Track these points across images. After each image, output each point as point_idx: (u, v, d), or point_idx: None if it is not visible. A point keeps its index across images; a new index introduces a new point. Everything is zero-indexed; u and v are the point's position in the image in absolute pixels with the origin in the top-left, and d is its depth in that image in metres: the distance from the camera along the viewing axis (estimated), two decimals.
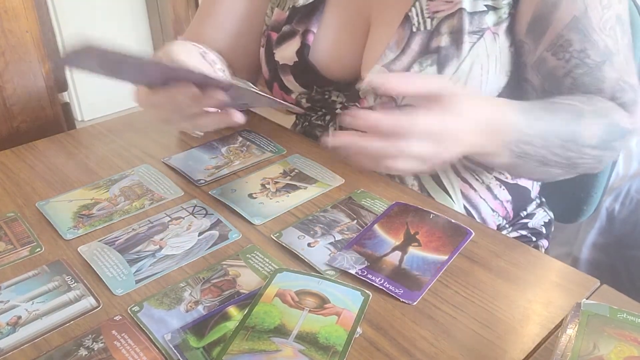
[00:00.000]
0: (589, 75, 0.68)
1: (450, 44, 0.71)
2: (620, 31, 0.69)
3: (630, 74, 0.70)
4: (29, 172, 0.79)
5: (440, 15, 0.72)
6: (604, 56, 0.68)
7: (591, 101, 0.67)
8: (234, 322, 0.52)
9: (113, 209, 0.70)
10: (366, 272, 0.58)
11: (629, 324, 0.49)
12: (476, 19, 0.71)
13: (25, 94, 0.91)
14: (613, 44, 0.68)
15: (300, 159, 0.80)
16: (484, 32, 0.71)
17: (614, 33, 0.68)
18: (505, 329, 0.52)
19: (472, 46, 0.71)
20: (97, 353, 0.50)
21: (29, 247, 0.64)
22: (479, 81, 0.72)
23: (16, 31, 0.87)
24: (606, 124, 0.66)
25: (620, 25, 0.69)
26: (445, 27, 0.71)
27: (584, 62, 0.68)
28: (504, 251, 0.62)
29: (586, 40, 0.68)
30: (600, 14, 0.67)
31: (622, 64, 0.69)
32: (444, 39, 0.71)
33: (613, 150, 0.69)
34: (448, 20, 0.71)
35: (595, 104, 0.67)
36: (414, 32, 0.73)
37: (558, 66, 0.69)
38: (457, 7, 0.71)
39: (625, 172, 1.20)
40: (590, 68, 0.68)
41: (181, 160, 0.81)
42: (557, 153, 0.64)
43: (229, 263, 0.60)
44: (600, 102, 0.67)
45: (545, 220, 0.91)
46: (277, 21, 0.85)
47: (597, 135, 0.65)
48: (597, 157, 0.68)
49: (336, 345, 0.50)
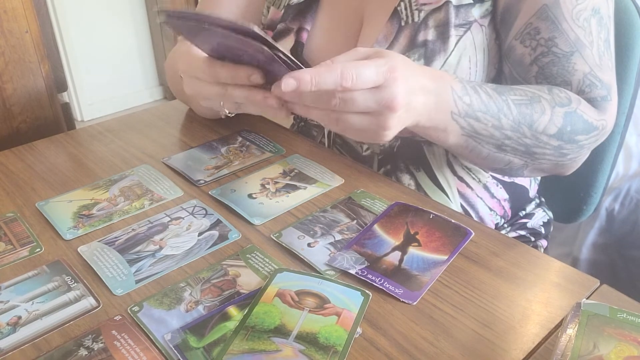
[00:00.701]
0: (556, 64, 0.67)
1: (437, 37, 0.71)
2: (596, 24, 0.67)
3: (603, 70, 0.68)
4: (28, 172, 0.79)
5: (427, 8, 0.72)
6: (573, 47, 0.67)
7: (552, 91, 0.65)
8: (234, 322, 0.52)
9: (113, 209, 0.70)
10: (366, 272, 0.58)
11: (628, 324, 0.49)
12: (462, 11, 0.71)
13: (25, 94, 0.91)
14: (585, 35, 0.67)
15: (300, 159, 0.80)
16: (471, 24, 0.71)
17: (587, 25, 0.67)
18: (505, 328, 0.52)
19: (459, 39, 0.71)
20: (97, 353, 0.50)
21: (29, 247, 0.64)
22: (467, 74, 0.72)
23: (16, 31, 0.87)
24: (566, 113, 0.65)
25: (598, 19, 0.67)
26: (432, 20, 0.71)
27: (551, 50, 0.67)
28: (504, 251, 0.62)
29: (555, 29, 0.67)
30: (573, 4, 0.66)
31: (594, 58, 0.67)
32: (430, 32, 0.71)
33: (578, 145, 0.67)
34: (435, 13, 0.71)
35: (557, 94, 0.65)
36: (402, 26, 0.73)
37: (525, 53, 0.69)
38: (444, 0, 0.71)
39: (625, 172, 1.20)
40: (558, 57, 0.67)
41: (181, 160, 0.81)
42: (510, 136, 0.63)
43: (229, 263, 0.60)
44: (563, 93, 0.66)
45: (544, 220, 0.91)
46: (273, 20, 0.85)
47: (556, 124, 0.64)
48: (558, 149, 0.66)
49: (336, 345, 0.50)
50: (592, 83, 0.67)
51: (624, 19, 0.84)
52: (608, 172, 0.94)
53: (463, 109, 0.61)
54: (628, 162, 1.20)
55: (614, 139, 0.90)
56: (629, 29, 0.84)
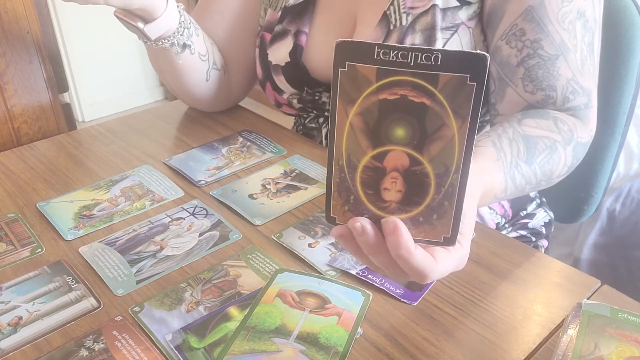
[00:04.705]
0: (542, 67, 0.67)
1: (423, 41, 0.71)
2: (581, 28, 0.67)
3: (584, 75, 0.68)
4: (29, 172, 0.79)
5: (415, 12, 0.72)
6: (558, 50, 0.67)
7: (558, 126, 0.65)
8: (235, 322, 0.52)
9: (114, 209, 0.70)
10: (367, 273, 0.58)
11: (629, 324, 0.49)
12: (449, 14, 0.71)
13: (26, 94, 0.91)
14: (570, 39, 0.67)
15: (301, 159, 0.80)
16: (458, 27, 0.71)
17: (572, 28, 0.67)
18: (505, 329, 0.52)
19: (446, 42, 0.71)
20: (97, 353, 0.50)
21: (30, 247, 0.64)
22: None
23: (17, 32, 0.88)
24: (573, 148, 0.66)
25: (583, 22, 0.67)
26: (419, 24, 0.71)
27: (537, 52, 0.67)
28: (505, 251, 0.62)
29: (540, 31, 0.66)
30: (559, 5, 0.66)
31: (577, 63, 0.67)
32: (417, 36, 0.71)
33: (574, 167, 0.69)
34: (422, 17, 0.71)
35: (563, 130, 0.65)
36: (391, 30, 0.73)
37: (511, 54, 0.69)
38: (431, 3, 0.71)
39: (625, 173, 1.20)
40: (544, 60, 0.67)
41: (182, 160, 0.81)
42: (528, 191, 0.64)
43: (230, 263, 0.60)
44: (566, 125, 0.66)
45: (545, 221, 0.91)
46: (270, 22, 0.85)
47: (567, 164, 0.65)
48: (562, 179, 0.68)
49: (337, 345, 0.50)
50: (575, 90, 0.68)
51: (624, 19, 0.84)
52: (609, 173, 0.94)
53: (495, 200, 0.60)
54: (629, 162, 1.20)
55: (614, 139, 0.90)
56: (629, 29, 0.84)
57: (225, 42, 0.89)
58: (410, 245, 0.41)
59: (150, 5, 0.71)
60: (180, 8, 0.77)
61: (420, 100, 0.39)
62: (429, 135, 0.40)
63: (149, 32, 0.73)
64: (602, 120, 0.72)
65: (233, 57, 0.90)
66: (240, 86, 0.94)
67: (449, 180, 0.41)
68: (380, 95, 0.39)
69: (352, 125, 0.41)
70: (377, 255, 0.43)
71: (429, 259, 0.42)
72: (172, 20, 0.75)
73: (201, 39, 0.82)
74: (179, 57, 0.79)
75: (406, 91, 0.39)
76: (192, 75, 0.84)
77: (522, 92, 0.69)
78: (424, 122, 0.39)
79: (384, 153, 0.41)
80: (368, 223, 0.42)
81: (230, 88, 0.92)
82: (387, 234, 0.41)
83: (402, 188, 0.41)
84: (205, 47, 0.83)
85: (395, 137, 0.40)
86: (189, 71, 0.83)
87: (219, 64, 0.87)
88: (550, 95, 0.68)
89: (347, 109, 0.41)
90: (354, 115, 0.41)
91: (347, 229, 0.43)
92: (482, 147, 0.59)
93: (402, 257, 0.41)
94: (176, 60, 0.80)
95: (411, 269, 0.42)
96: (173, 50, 0.78)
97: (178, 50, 0.78)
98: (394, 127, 0.40)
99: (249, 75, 0.94)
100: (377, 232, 0.42)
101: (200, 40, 0.82)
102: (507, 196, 0.61)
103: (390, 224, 0.41)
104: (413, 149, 0.40)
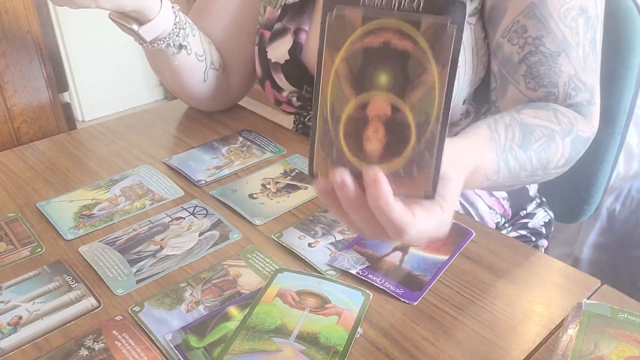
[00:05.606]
0: (543, 64, 0.67)
1: None
2: (583, 24, 0.67)
3: (587, 73, 0.68)
4: (29, 172, 0.79)
5: None
6: (560, 47, 0.66)
7: (558, 117, 0.65)
8: (235, 322, 0.52)
9: (114, 209, 0.70)
10: (367, 272, 0.58)
11: (629, 324, 0.49)
12: None
13: (25, 94, 0.91)
14: (572, 35, 0.66)
15: (301, 159, 0.80)
16: None
17: (574, 24, 0.66)
18: (505, 329, 0.52)
19: None
20: (97, 353, 0.50)
21: (30, 247, 0.64)
22: None
23: (17, 31, 0.87)
24: (572, 140, 0.65)
25: (585, 18, 0.67)
26: None
27: (539, 49, 0.67)
28: (505, 251, 0.62)
29: (542, 27, 0.66)
30: (561, 2, 0.66)
31: (579, 60, 0.67)
32: None
33: (574, 162, 0.68)
34: None
35: (563, 121, 0.65)
36: None
37: (513, 52, 0.69)
38: None
39: (625, 172, 1.20)
40: (546, 57, 0.67)
41: (182, 160, 0.81)
42: (523, 180, 0.64)
43: (230, 263, 0.60)
44: (566, 117, 0.66)
45: (545, 220, 0.91)
46: (269, 19, 0.85)
47: (564, 155, 0.65)
48: (560, 172, 0.67)
49: (337, 345, 0.50)
50: (577, 86, 0.67)
51: (624, 18, 0.84)
52: (609, 172, 0.94)
53: (488, 183, 0.59)
54: (629, 162, 1.20)
55: (614, 139, 0.90)
56: (629, 29, 0.84)
57: (224, 41, 0.89)
58: (389, 197, 0.41)
59: (144, 6, 0.71)
60: (175, 9, 0.76)
61: (403, 46, 0.40)
62: (411, 81, 0.40)
63: (143, 33, 0.73)
64: (602, 119, 0.72)
65: (232, 56, 0.90)
66: (239, 85, 0.94)
67: (429, 128, 0.41)
68: (364, 40, 0.40)
69: (337, 73, 0.41)
70: (356, 210, 0.44)
71: (407, 213, 0.42)
72: (167, 22, 0.75)
73: (198, 39, 0.82)
74: (175, 58, 0.79)
75: (390, 36, 0.40)
76: (189, 76, 0.84)
77: (524, 89, 0.69)
78: (407, 67, 0.40)
79: (366, 102, 0.41)
80: (348, 176, 0.42)
81: (229, 87, 0.92)
82: (367, 185, 0.42)
83: (384, 138, 0.42)
84: (202, 47, 0.83)
85: (379, 83, 0.41)
86: (187, 72, 0.83)
87: (216, 64, 0.87)
88: (552, 92, 0.68)
89: (333, 56, 0.41)
90: (340, 62, 0.41)
91: (328, 184, 0.43)
92: (475, 128, 0.59)
93: (380, 208, 0.42)
94: (173, 61, 0.80)
95: (389, 222, 0.42)
96: (169, 51, 0.78)
97: (174, 52, 0.78)
98: (378, 73, 0.41)
99: (248, 74, 0.94)
100: (357, 187, 0.43)
101: (196, 40, 0.82)
102: (499, 180, 0.60)
103: (371, 174, 0.42)
104: (395, 94, 0.41)
